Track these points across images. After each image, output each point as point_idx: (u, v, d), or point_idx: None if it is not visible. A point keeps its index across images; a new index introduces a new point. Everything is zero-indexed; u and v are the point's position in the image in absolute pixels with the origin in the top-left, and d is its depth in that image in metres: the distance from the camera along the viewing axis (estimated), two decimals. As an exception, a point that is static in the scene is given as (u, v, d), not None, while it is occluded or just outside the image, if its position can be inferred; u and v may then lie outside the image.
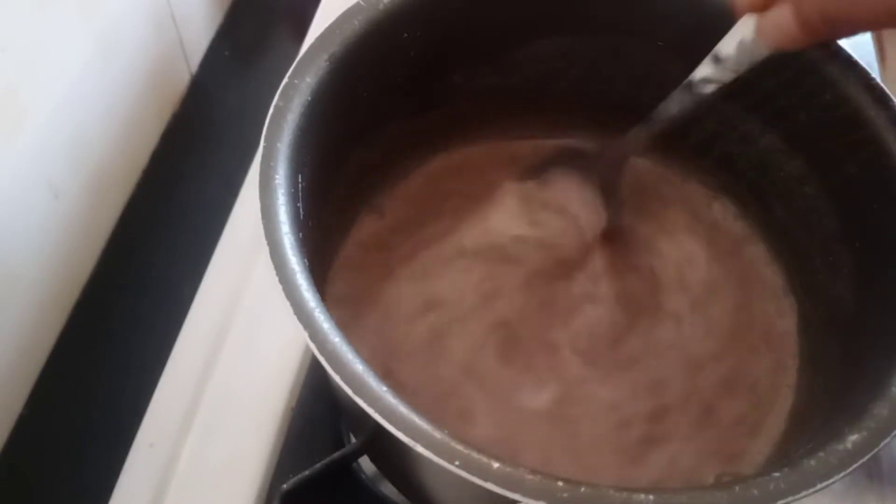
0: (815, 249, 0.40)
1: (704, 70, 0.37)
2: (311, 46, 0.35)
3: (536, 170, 0.45)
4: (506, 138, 0.47)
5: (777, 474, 0.28)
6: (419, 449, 0.27)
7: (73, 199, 0.53)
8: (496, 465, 0.27)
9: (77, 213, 0.54)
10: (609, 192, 0.44)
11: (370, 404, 0.27)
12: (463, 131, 0.46)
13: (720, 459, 0.39)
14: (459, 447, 0.27)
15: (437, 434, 0.27)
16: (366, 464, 0.46)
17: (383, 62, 0.38)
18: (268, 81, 0.33)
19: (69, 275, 0.54)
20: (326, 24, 0.36)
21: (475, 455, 0.27)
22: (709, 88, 0.37)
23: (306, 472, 0.41)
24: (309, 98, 0.34)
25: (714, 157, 0.46)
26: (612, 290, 0.43)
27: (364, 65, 0.37)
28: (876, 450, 0.29)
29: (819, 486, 0.28)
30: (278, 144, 0.32)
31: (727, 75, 0.36)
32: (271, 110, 0.33)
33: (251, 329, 0.50)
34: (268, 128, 0.32)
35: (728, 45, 0.35)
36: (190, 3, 0.65)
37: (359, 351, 0.29)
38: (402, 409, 0.28)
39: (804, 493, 0.28)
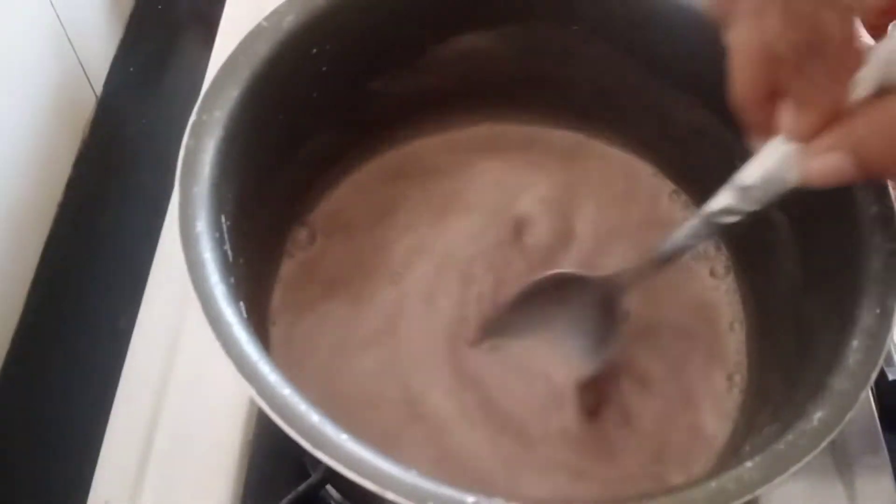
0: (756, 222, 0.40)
1: (725, 199, 0.33)
2: (217, 77, 0.32)
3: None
4: (437, 135, 0.46)
5: (749, 464, 0.28)
6: (389, 496, 0.26)
7: (-13, 247, 0.50)
8: (471, 500, 0.26)
9: (-6, 261, 0.51)
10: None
11: (332, 457, 0.26)
12: (391, 135, 0.44)
13: (676, 442, 0.39)
14: (430, 487, 0.26)
15: (407, 478, 0.26)
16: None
17: (295, 81, 0.36)
18: (179, 92, 0.31)
19: (-5, 327, 0.52)
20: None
21: (448, 493, 0.26)
22: (730, 219, 0.33)
23: (274, 510, 0.39)
24: (221, 133, 0.31)
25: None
26: None
27: (276, 87, 0.35)
28: (842, 423, 0.29)
29: (793, 470, 0.28)
30: (195, 189, 0.30)
31: (753, 205, 0.32)
32: (182, 151, 0.31)
33: (196, 360, 0.48)
34: (181, 173, 0.30)
35: (753, 174, 0.31)
36: (85, 22, 0.62)
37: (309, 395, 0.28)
38: (367, 454, 0.27)
39: (779, 478, 0.28)
